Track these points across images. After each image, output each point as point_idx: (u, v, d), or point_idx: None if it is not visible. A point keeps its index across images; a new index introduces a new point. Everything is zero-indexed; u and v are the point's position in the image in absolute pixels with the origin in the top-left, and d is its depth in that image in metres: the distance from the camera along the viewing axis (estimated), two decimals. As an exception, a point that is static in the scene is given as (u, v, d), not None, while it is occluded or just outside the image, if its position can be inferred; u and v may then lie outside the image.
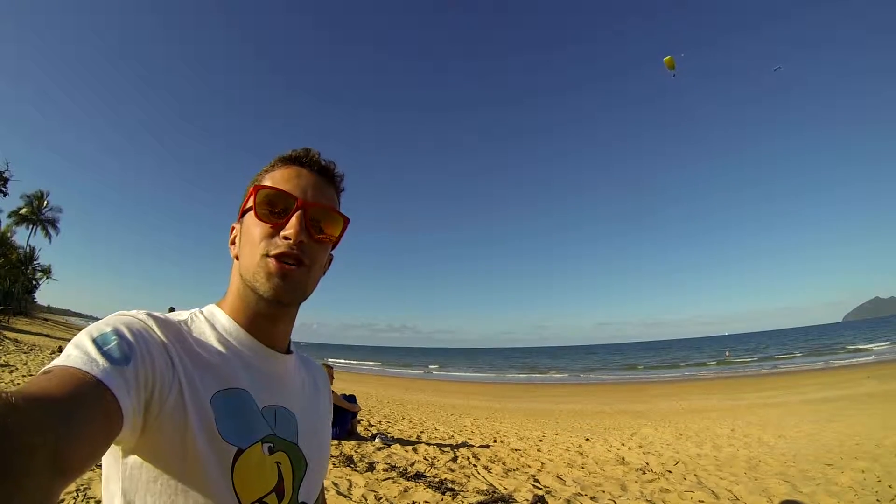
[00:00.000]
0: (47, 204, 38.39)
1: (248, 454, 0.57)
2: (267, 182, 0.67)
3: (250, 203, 0.66)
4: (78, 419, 0.39)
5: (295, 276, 0.63)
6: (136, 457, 0.52)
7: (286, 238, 0.62)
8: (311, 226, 0.65)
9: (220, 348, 0.62)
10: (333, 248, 0.72)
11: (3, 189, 26.76)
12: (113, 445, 0.48)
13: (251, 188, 0.66)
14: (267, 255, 0.62)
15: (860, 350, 31.48)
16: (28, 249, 36.12)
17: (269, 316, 0.66)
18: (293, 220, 0.63)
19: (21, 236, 36.73)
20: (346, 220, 0.70)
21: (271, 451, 0.60)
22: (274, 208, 0.64)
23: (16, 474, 0.31)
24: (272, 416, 0.63)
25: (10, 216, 35.54)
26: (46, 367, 0.44)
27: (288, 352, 0.72)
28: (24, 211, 37.03)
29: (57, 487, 0.35)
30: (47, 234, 38.40)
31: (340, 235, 0.71)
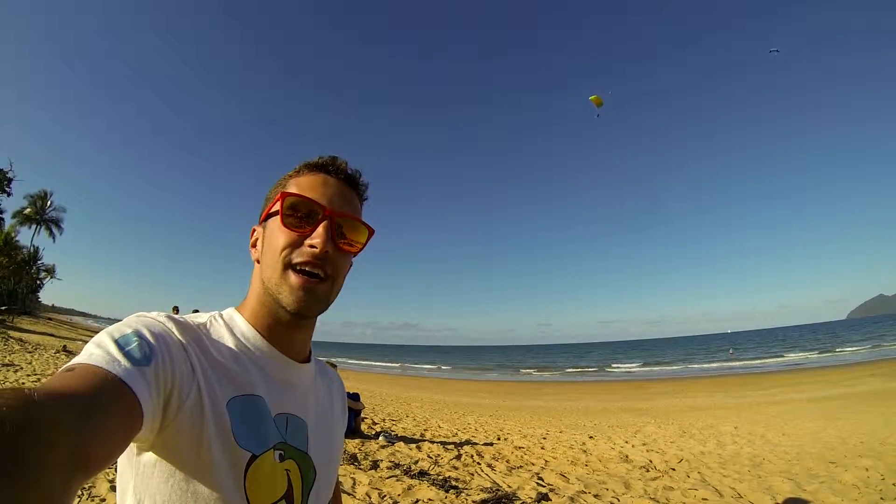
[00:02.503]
0: (51, 204, 38.53)
1: (261, 461, 0.57)
2: (293, 188, 0.67)
3: (276, 208, 0.65)
4: (99, 416, 0.40)
5: (318, 289, 0.63)
6: (150, 455, 0.53)
7: (312, 247, 0.62)
8: (337, 235, 0.65)
9: (238, 354, 0.62)
10: (355, 255, 0.72)
11: (7, 189, 26.88)
12: (130, 445, 0.49)
13: (278, 194, 0.66)
14: (291, 265, 0.63)
15: (864, 348, 31.36)
16: (32, 249, 36.25)
17: (288, 325, 0.66)
18: (319, 229, 0.63)
19: (25, 236, 36.88)
20: (371, 231, 0.70)
21: (282, 459, 0.60)
22: (300, 215, 0.64)
23: (34, 467, 0.31)
24: (284, 423, 0.63)
25: (13, 216, 35.66)
26: (69, 364, 0.45)
27: (307, 360, 0.72)
28: (27, 211, 37.15)
29: (75, 483, 0.35)
30: (51, 233, 38.53)
31: (364, 246, 0.71)
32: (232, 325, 0.66)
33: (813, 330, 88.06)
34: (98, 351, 0.47)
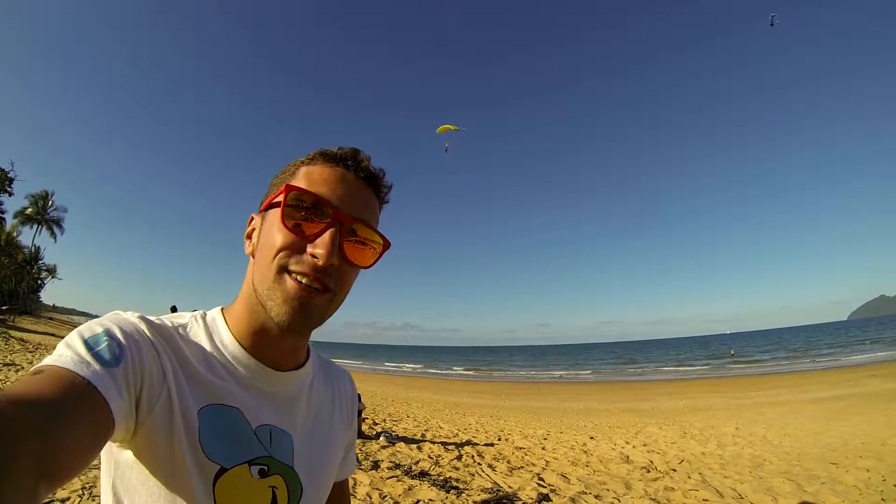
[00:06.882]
0: (52, 204, 38.53)
1: (232, 475, 0.53)
2: (302, 178, 0.58)
3: (279, 199, 0.56)
4: (66, 423, 0.38)
5: (316, 304, 0.55)
6: (129, 456, 0.52)
7: (314, 257, 0.53)
8: (346, 244, 0.56)
9: (215, 363, 0.57)
10: (366, 268, 0.61)
11: (9, 189, 26.95)
12: (109, 442, 0.47)
13: (283, 185, 0.57)
14: (287, 270, 0.54)
15: (865, 349, 31.26)
16: (33, 249, 36.31)
17: (276, 337, 0.59)
18: (326, 237, 0.54)
19: (26, 236, 36.92)
20: (387, 245, 0.61)
21: (264, 475, 0.56)
22: (305, 214, 0.55)
23: None
24: (267, 436, 0.58)
25: (15, 216, 35.67)
26: (37, 366, 0.44)
27: (300, 365, 0.65)
28: (29, 211, 37.17)
29: (42, 492, 0.34)
30: (52, 233, 38.53)
31: (376, 261, 0.60)
32: (213, 329, 0.60)
33: (814, 331, 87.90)
34: (67, 352, 0.45)
